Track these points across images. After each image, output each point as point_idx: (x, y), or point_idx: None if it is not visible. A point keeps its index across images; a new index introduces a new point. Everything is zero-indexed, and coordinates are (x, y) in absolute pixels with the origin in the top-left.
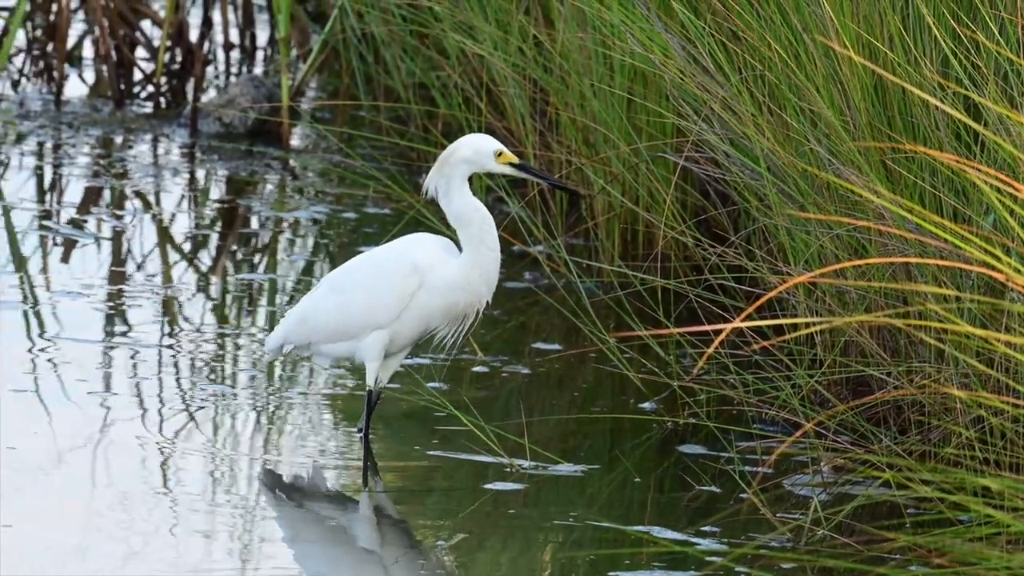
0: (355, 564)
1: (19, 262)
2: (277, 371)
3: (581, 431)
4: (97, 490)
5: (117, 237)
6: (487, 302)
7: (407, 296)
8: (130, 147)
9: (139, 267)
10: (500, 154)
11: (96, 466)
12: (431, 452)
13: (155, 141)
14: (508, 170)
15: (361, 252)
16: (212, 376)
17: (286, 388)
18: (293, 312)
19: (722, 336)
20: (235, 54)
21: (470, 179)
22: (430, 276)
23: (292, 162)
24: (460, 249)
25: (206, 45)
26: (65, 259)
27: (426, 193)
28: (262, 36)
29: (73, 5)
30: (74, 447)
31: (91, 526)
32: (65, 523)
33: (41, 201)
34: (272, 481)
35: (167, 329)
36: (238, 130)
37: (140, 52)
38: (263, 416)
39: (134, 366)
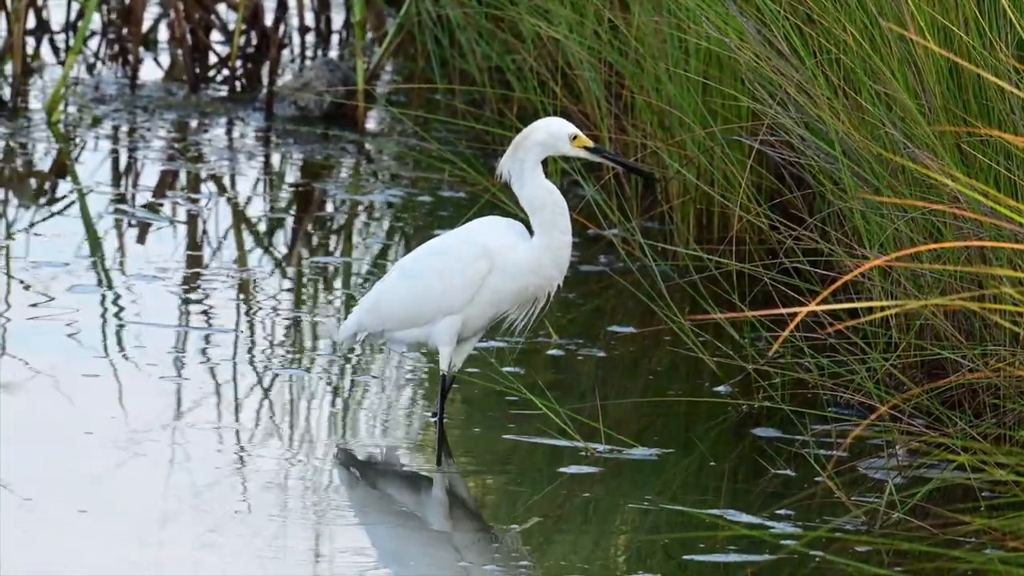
0: (427, 545)
1: (95, 246)
2: (353, 355)
3: (656, 414)
4: (173, 473)
5: (192, 221)
6: (559, 285)
7: (478, 280)
8: (205, 131)
9: (215, 251)
10: (575, 137)
11: (172, 449)
12: (505, 436)
13: (230, 125)
14: (583, 154)
15: (436, 235)
16: (287, 359)
17: (361, 372)
18: (365, 299)
19: (797, 319)
20: (310, 37)
21: (544, 163)
22: (500, 259)
23: (368, 145)
24: (531, 232)
25: (281, 28)
26: (141, 242)
27: (500, 177)
28: (337, 19)
29: None
30: (150, 431)
31: (167, 509)
32: (141, 508)
33: (116, 185)
34: (346, 463)
35: (242, 312)
36: (313, 113)
37: (215, 35)
38: (338, 399)
39: (209, 350)
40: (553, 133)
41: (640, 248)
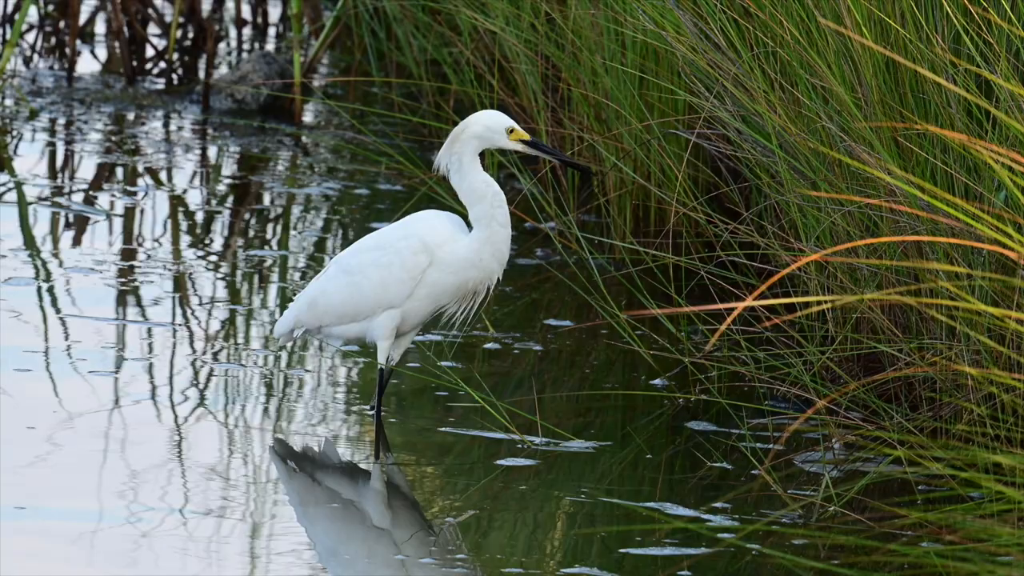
0: (366, 539)
1: (31, 238)
2: (289, 349)
3: (592, 408)
4: (108, 468)
5: (129, 213)
6: (498, 279)
7: (417, 274)
8: (142, 123)
9: (151, 243)
10: (511, 131)
11: (107, 443)
12: (443, 429)
13: (167, 117)
14: (520, 147)
15: (373, 228)
16: (224, 353)
17: (298, 366)
18: (302, 295)
19: (734, 314)
20: (247, 30)
21: (481, 156)
22: (440, 253)
23: (304, 138)
24: (470, 226)
25: (218, 22)
26: (77, 236)
27: (438, 170)
28: (274, 12)
29: None
30: (84, 425)
31: (101, 504)
32: (77, 501)
33: (53, 177)
34: (284, 457)
35: (179, 305)
36: (250, 106)
37: (152, 28)
38: (274, 393)
39: (146, 343)
40: (490, 126)
41: (577, 241)
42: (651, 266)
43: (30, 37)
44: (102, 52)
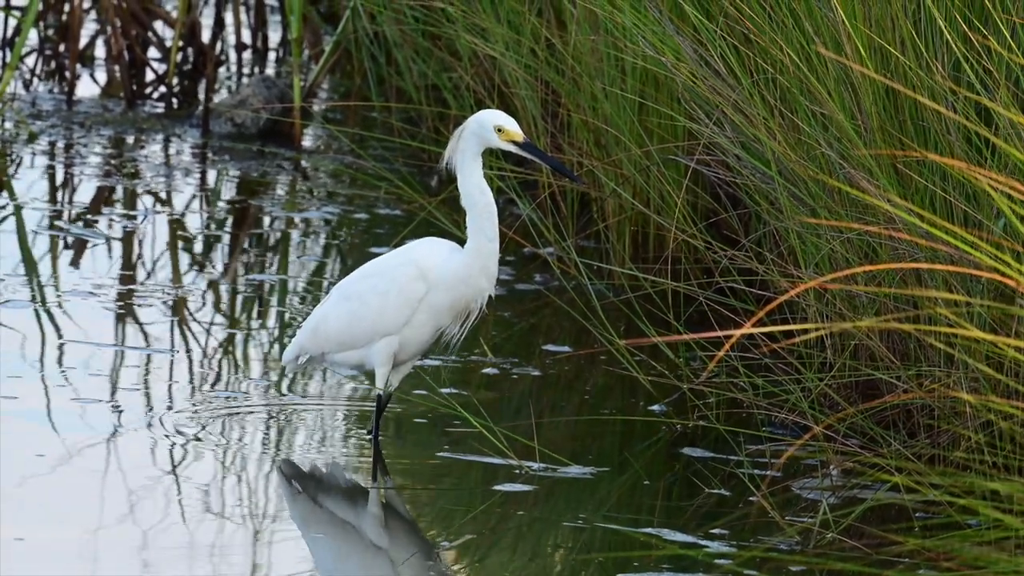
0: (364, 562)
1: (29, 262)
2: (289, 374)
3: (591, 433)
4: (108, 490)
5: (128, 237)
6: (490, 296)
7: (415, 301)
8: (142, 147)
9: (150, 267)
10: (500, 129)
11: (107, 466)
12: (441, 454)
13: (167, 141)
14: (511, 147)
15: (372, 253)
16: (223, 377)
17: (297, 390)
18: (306, 323)
19: (733, 340)
20: (247, 55)
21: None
22: (434, 276)
23: (304, 163)
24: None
25: (218, 46)
26: (76, 259)
27: (445, 166)
28: (274, 37)
29: (85, 5)
30: (84, 448)
31: (102, 526)
32: (77, 526)
33: (52, 201)
34: (283, 481)
35: (178, 330)
36: (250, 131)
37: (152, 52)
38: (274, 418)
39: (145, 367)
40: (481, 123)
41: (575, 267)
42: (650, 292)
43: (30, 60)
44: (102, 75)
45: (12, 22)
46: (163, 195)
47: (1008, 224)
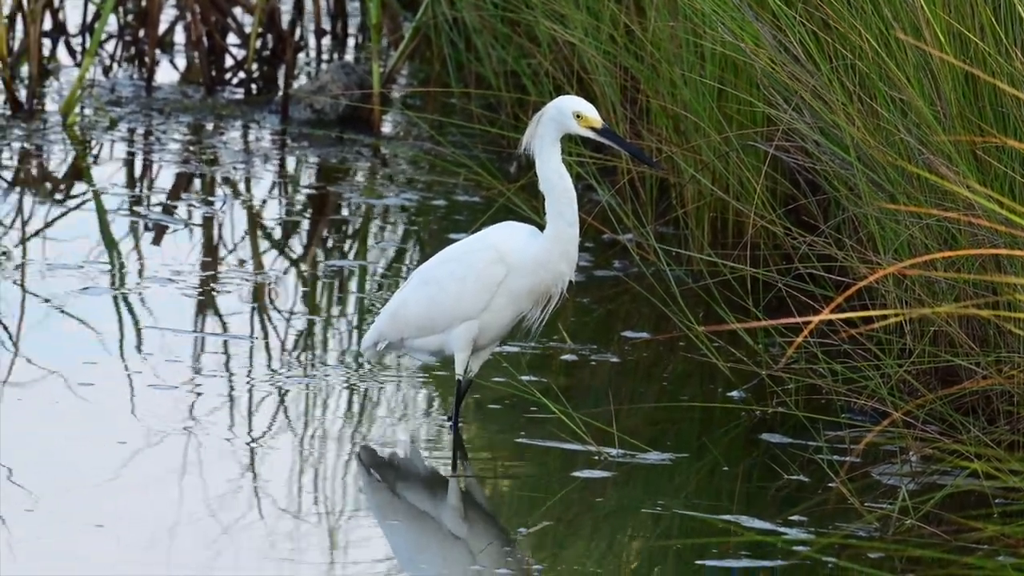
0: (443, 549)
1: (110, 248)
2: (368, 361)
3: (669, 419)
4: (187, 478)
5: (207, 224)
6: (570, 280)
7: (494, 285)
8: (221, 133)
9: (229, 254)
10: (579, 116)
11: (187, 454)
12: (519, 440)
13: (246, 128)
14: (589, 134)
15: (451, 239)
16: (302, 363)
17: (377, 376)
18: (385, 309)
19: (812, 326)
20: (326, 41)
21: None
22: (513, 260)
23: (383, 149)
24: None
25: (297, 31)
26: (155, 245)
27: (524, 150)
28: (353, 23)
29: None
30: (164, 436)
31: (182, 513)
32: (155, 513)
33: (132, 187)
34: (363, 467)
35: (257, 316)
36: (329, 117)
37: (232, 38)
38: (354, 404)
39: (225, 353)
40: (560, 109)
41: (655, 253)
42: (729, 278)
43: (109, 46)
44: (181, 62)
45: (92, 8)
46: (242, 182)
47: None
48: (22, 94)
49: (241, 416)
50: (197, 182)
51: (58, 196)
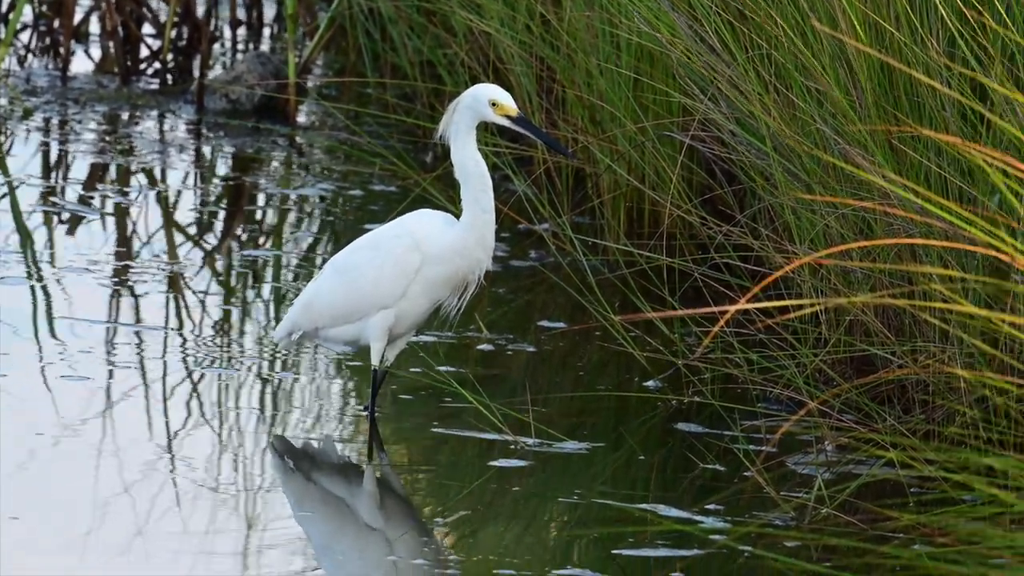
0: (359, 538)
1: (25, 238)
2: (283, 351)
3: (586, 409)
4: (101, 469)
5: (123, 213)
6: (487, 269)
7: (411, 273)
8: (136, 123)
9: (145, 243)
10: (495, 103)
11: (102, 444)
12: (436, 429)
13: (161, 117)
14: (504, 122)
15: (367, 229)
16: (217, 353)
17: (292, 367)
18: (299, 299)
19: (728, 316)
20: (242, 31)
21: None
22: (430, 247)
23: (298, 139)
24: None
25: (213, 21)
26: (71, 235)
27: (440, 137)
28: (269, 13)
29: None
30: (78, 426)
31: (96, 505)
32: (70, 505)
33: (47, 177)
34: (278, 457)
35: (172, 305)
36: (244, 107)
37: (147, 28)
38: (269, 394)
39: (139, 343)
40: (476, 97)
41: (571, 243)
42: (645, 268)
43: (24, 36)
44: (96, 51)
45: None
46: (157, 172)
47: (1003, 200)
48: None
49: (156, 407)
50: (112, 172)
51: None
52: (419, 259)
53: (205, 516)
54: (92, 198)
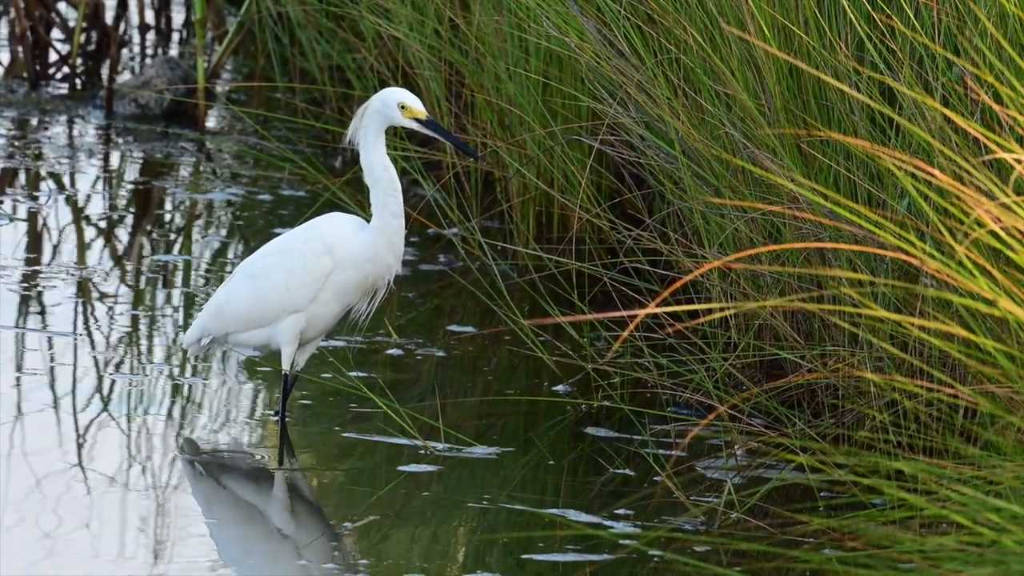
0: (268, 546)
1: None
2: (193, 356)
3: (495, 413)
4: (10, 474)
5: (32, 218)
6: (396, 272)
7: (321, 277)
8: (45, 128)
9: (54, 249)
10: (404, 107)
11: (10, 450)
12: (346, 434)
13: (70, 122)
14: (414, 125)
15: (276, 234)
16: (127, 360)
17: (202, 373)
18: (209, 304)
19: (637, 320)
20: (151, 36)
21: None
22: (341, 252)
23: (208, 144)
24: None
25: (122, 26)
26: None
27: (350, 142)
28: (178, 17)
29: None
30: None
31: (5, 511)
32: None
33: None
34: (187, 462)
35: (81, 311)
36: (154, 112)
37: (56, 33)
38: (178, 399)
39: (48, 348)
40: (385, 101)
41: (480, 247)
42: (554, 272)
43: None
44: (5, 56)
45: None
46: (67, 176)
47: (912, 203)
48: None
49: (64, 413)
50: (21, 177)
51: None
52: (330, 263)
53: (113, 524)
54: (1, 203)
